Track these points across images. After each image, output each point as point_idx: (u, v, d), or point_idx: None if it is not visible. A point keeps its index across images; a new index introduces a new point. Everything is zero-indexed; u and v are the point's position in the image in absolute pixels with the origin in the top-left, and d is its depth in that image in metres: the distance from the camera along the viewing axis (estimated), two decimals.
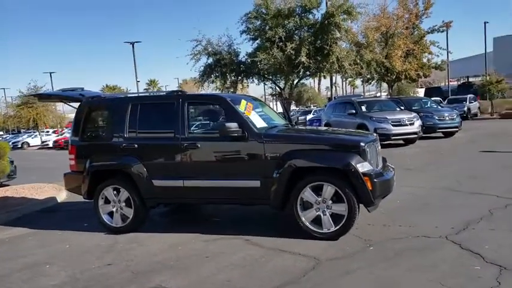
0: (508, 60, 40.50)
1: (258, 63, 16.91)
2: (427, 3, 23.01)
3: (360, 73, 18.35)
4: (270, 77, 17.58)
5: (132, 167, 5.45)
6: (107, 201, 5.72)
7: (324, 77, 39.69)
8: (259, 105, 6.01)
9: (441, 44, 24.37)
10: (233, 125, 4.92)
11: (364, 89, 57.02)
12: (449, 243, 4.32)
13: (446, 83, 42.28)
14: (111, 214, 5.72)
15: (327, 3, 16.81)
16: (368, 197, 4.53)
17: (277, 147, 4.91)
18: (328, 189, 4.64)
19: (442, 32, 24.08)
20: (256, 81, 18.77)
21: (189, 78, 70.16)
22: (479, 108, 27.03)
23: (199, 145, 5.19)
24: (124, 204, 5.61)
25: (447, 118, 15.38)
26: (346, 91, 71.79)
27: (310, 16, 16.69)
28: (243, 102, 5.43)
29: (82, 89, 6.60)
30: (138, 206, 5.51)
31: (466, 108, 24.36)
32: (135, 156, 5.48)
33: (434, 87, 38.05)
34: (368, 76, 22.58)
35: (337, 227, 4.65)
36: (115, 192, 5.65)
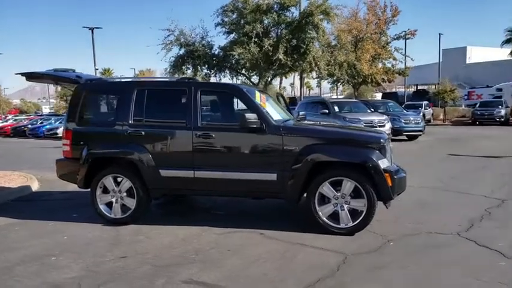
0: (454, 72, 43.12)
1: (231, 57, 16.78)
2: (394, 10, 24.03)
3: (333, 74, 18.76)
4: (244, 72, 17.47)
5: (138, 155, 5.16)
6: (105, 190, 5.39)
7: (286, 77, 40.14)
8: (267, 98, 5.91)
9: (403, 51, 25.52)
10: (252, 116, 4.80)
11: (321, 91, 58.34)
12: (464, 240, 4.47)
13: (396, 90, 44.29)
14: (109, 204, 5.39)
15: (300, 3, 16.91)
16: (388, 193, 4.59)
17: (297, 140, 4.84)
18: (348, 185, 4.65)
19: (408, 39, 25.28)
20: (228, 75, 18.59)
21: (145, 69, 68.44)
22: (432, 114, 28.58)
23: (213, 135, 5.01)
24: (125, 194, 5.31)
25: (413, 122, 16.11)
26: (304, 92, 72.88)
27: (288, 14, 16.80)
28: (257, 93, 5.32)
29: (73, 70, 6.19)
30: (142, 196, 5.23)
31: (421, 114, 25.62)
32: (141, 144, 5.20)
33: (390, 92, 39.69)
34: (335, 78, 23.13)
35: (355, 223, 4.67)
36: (115, 181, 5.33)
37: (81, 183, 5.46)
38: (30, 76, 5.96)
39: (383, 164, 4.62)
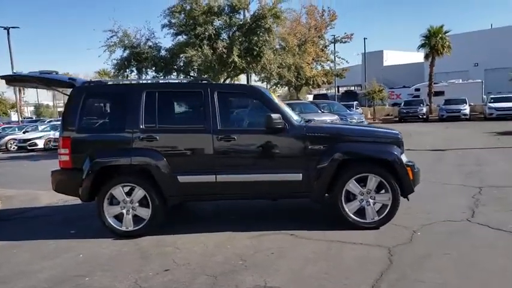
0: (373, 74, 46.36)
1: (178, 59, 16.47)
2: (331, 15, 25.32)
3: (283, 76, 19.18)
4: (193, 75, 17.08)
5: (153, 162, 4.86)
6: (113, 202, 5.00)
7: (226, 79, 40.22)
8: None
9: (340, 54, 27.06)
10: (277, 116, 4.78)
11: None
12: (478, 225, 4.86)
13: (322, 92, 46.55)
14: (118, 217, 5.00)
15: (248, 7, 16.90)
16: (410, 186, 4.84)
17: (321, 139, 4.91)
18: (373, 180, 4.82)
19: (345, 42, 26.74)
20: (177, 78, 17.94)
21: (72, 72, 64.03)
22: (362, 113, 30.44)
23: (235, 138, 4.89)
24: (138, 204, 4.97)
25: (358, 121, 17.03)
26: None
27: (239, 16, 16.80)
28: (273, 95, 5.30)
29: (56, 72, 5.66)
30: (157, 205, 4.93)
31: None
32: (155, 150, 4.91)
33: (321, 94, 41.52)
34: (283, 80, 23.62)
35: (381, 217, 4.85)
36: (125, 191, 4.96)
37: (84, 196, 4.99)
38: (12, 79, 5.33)
39: (404, 158, 4.87)
